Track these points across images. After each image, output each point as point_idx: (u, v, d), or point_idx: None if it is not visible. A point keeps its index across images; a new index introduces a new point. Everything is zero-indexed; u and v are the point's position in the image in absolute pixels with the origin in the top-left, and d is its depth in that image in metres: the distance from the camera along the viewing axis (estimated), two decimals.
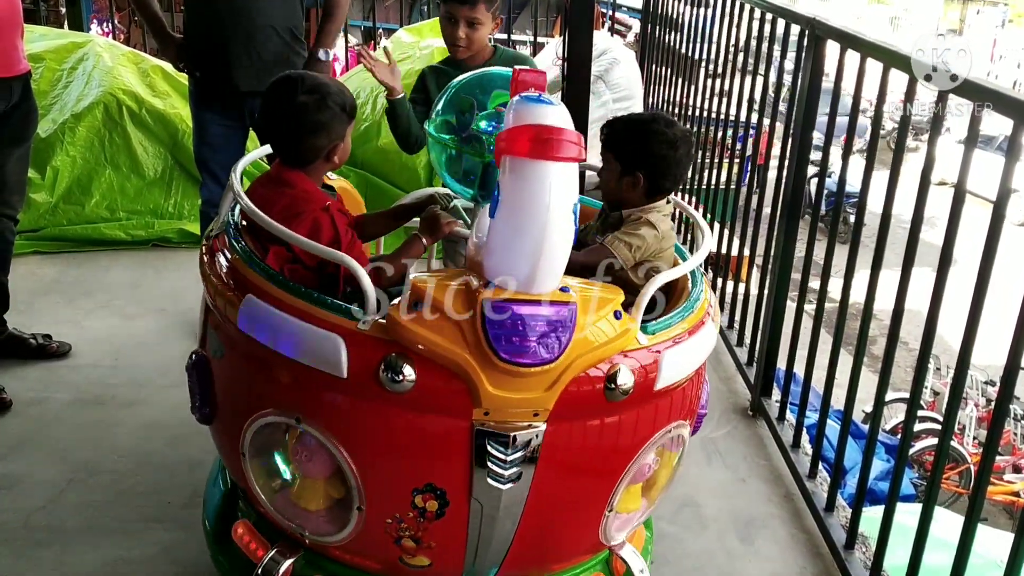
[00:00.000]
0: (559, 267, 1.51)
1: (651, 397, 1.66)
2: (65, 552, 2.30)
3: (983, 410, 8.21)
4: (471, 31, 2.77)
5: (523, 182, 1.46)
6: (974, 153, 1.91)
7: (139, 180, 4.61)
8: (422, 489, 1.61)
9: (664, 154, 2.04)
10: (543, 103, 1.52)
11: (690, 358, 1.72)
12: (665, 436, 1.75)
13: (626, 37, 7.32)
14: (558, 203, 1.46)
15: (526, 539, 1.69)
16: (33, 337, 3.29)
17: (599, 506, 1.74)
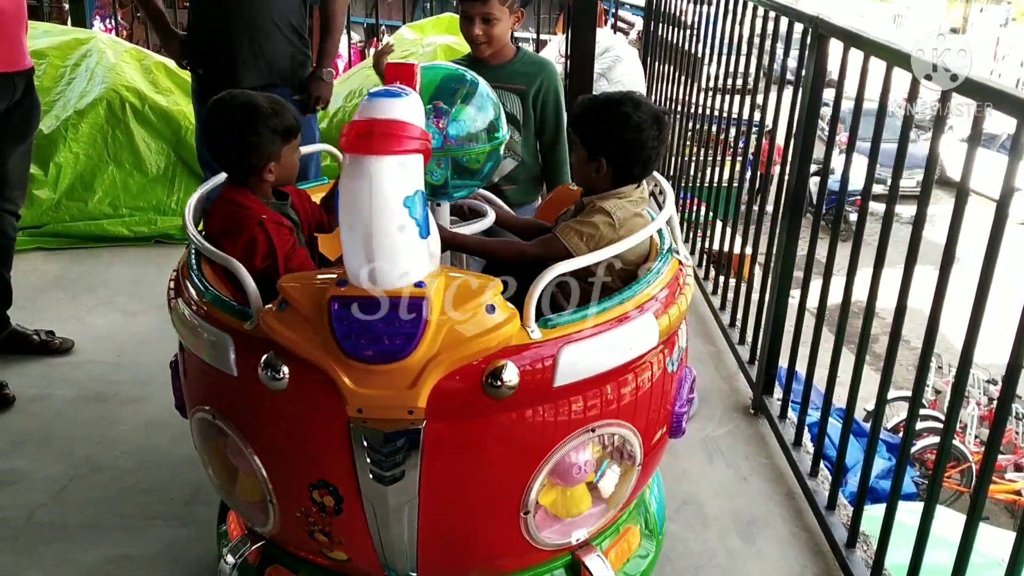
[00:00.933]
0: (402, 262, 1.48)
1: (555, 395, 1.59)
2: (67, 548, 2.31)
3: (985, 409, 8.21)
4: (487, 27, 2.77)
5: (348, 177, 1.48)
6: (976, 152, 1.91)
7: (142, 177, 4.62)
8: (317, 484, 1.64)
9: (629, 138, 1.91)
10: (387, 96, 1.51)
11: (604, 355, 1.61)
12: (587, 437, 1.66)
13: (629, 35, 7.30)
14: (382, 197, 1.45)
15: (435, 539, 1.68)
16: (36, 333, 3.29)
17: (510, 508, 1.66)
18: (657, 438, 1.85)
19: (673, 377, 1.84)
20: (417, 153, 1.49)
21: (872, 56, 2.34)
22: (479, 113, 2.09)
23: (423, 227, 1.51)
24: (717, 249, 4.02)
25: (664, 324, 1.72)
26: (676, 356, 1.85)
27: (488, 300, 1.52)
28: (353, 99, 5.00)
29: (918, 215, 2.11)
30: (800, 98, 2.87)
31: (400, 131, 1.47)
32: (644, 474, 1.86)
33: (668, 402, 1.84)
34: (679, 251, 1.97)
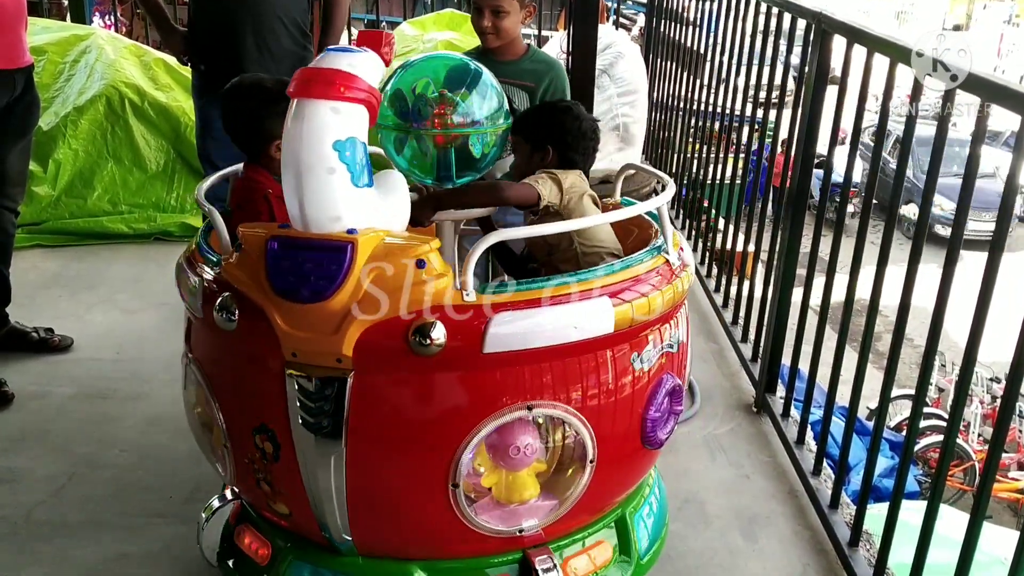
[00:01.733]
0: (332, 205, 1.55)
1: (486, 363, 1.57)
2: (67, 546, 2.30)
3: (988, 407, 8.20)
4: (497, 19, 2.76)
5: (288, 120, 1.58)
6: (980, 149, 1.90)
7: (141, 173, 4.61)
8: (259, 429, 1.69)
9: (570, 126, 2.11)
10: (338, 51, 1.62)
11: (540, 330, 1.57)
12: (521, 414, 1.62)
13: (631, 31, 7.29)
14: (313, 138, 1.54)
15: (364, 502, 1.69)
16: (35, 331, 3.29)
17: (438, 477, 1.63)
18: (619, 440, 1.77)
19: (643, 378, 1.77)
20: (354, 103, 1.57)
21: (876, 52, 2.32)
22: (483, 101, 2.13)
23: (356, 174, 1.56)
24: (719, 247, 4.01)
25: (623, 315, 1.65)
26: (649, 357, 1.76)
27: (419, 255, 1.54)
28: None
29: (922, 213, 2.10)
30: (802, 95, 2.86)
31: (338, 79, 1.56)
32: (604, 477, 1.77)
33: (635, 404, 1.77)
34: (669, 251, 1.88)
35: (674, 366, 1.88)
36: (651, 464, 2.04)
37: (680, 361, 1.93)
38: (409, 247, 1.56)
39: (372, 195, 1.63)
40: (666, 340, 1.84)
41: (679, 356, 1.91)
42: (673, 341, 1.86)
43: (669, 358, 1.85)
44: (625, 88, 5.28)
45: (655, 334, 1.80)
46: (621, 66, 5.32)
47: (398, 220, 1.72)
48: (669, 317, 1.83)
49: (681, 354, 1.93)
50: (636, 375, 1.75)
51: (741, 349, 3.39)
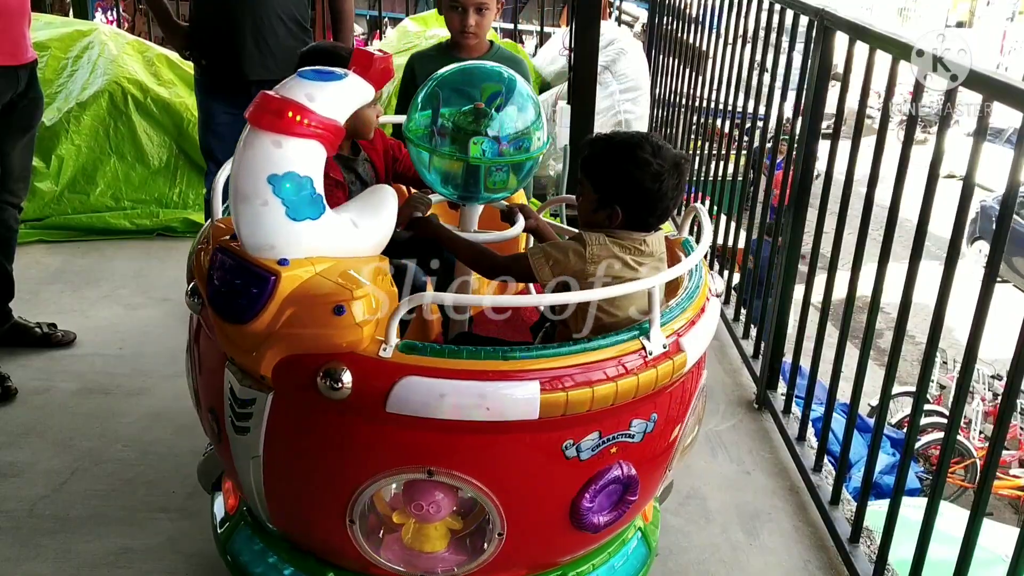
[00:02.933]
0: (260, 236, 1.56)
1: (388, 420, 1.52)
2: (70, 541, 2.31)
3: (989, 404, 8.19)
4: (480, 17, 2.75)
5: (240, 142, 1.58)
6: (981, 146, 1.90)
7: (144, 169, 4.61)
8: (210, 409, 1.77)
9: (648, 188, 1.74)
10: (305, 77, 1.59)
11: (446, 402, 1.49)
12: (421, 476, 1.57)
13: (633, 27, 7.29)
14: (248, 170, 1.54)
15: (280, 509, 1.76)
16: (38, 326, 3.29)
17: (337, 511, 1.63)
18: (539, 521, 1.69)
19: (577, 467, 1.62)
20: (301, 138, 1.53)
21: (878, 49, 2.33)
22: (519, 114, 2.00)
23: (294, 208, 1.54)
24: (721, 243, 4.01)
25: (554, 403, 1.51)
26: (589, 447, 1.60)
27: (339, 301, 1.50)
28: None
29: (923, 210, 2.10)
30: (805, 91, 2.86)
31: (287, 111, 1.52)
32: (519, 549, 1.69)
33: (561, 490, 1.65)
34: (651, 336, 1.63)
35: (632, 456, 1.68)
36: (596, 540, 1.83)
37: (649, 451, 1.72)
38: (332, 292, 1.53)
39: (324, 225, 1.61)
40: (625, 430, 1.64)
41: (644, 446, 1.70)
42: (637, 431, 1.66)
43: (624, 448, 1.66)
44: (627, 85, 5.29)
45: (606, 424, 1.62)
46: (623, 63, 5.32)
47: (374, 239, 1.72)
48: (632, 407, 1.63)
49: (650, 444, 1.71)
50: (567, 463, 1.60)
51: (742, 346, 3.40)
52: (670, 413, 1.74)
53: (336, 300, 1.51)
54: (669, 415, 1.73)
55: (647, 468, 1.74)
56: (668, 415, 1.73)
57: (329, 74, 1.61)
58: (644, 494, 1.78)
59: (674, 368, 1.64)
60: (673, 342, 1.66)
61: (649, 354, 1.60)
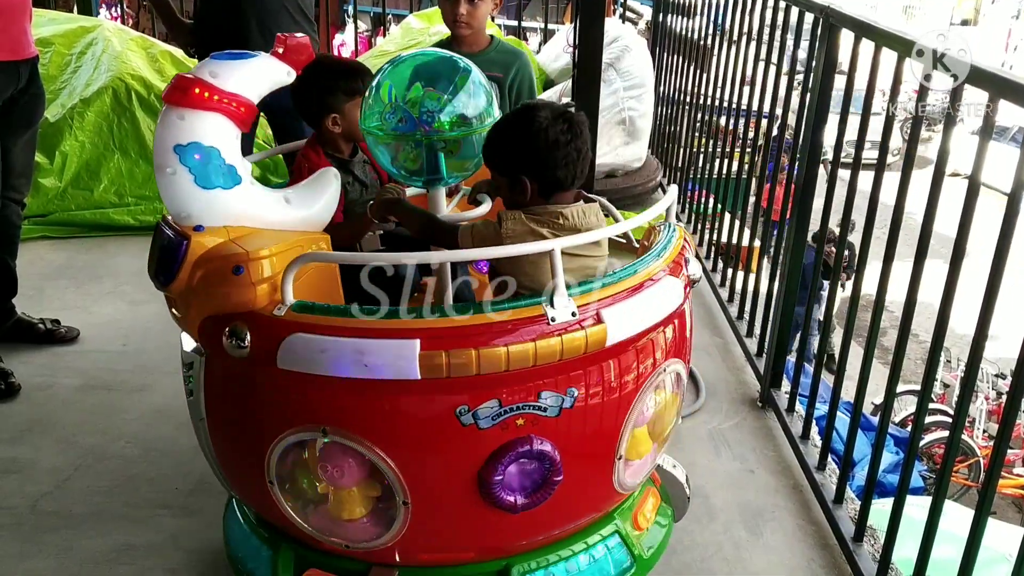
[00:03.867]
0: (175, 204, 1.69)
1: (281, 377, 1.56)
2: (72, 537, 2.31)
3: (993, 403, 8.18)
4: (471, 7, 2.75)
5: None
6: (988, 144, 1.89)
7: (148, 165, 4.61)
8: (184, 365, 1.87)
9: (539, 145, 1.75)
10: (215, 58, 1.74)
11: (328, 358, 1.51)
12: (315, 436, 1.59)
13: (638, 24, 7.28)
14: (158, 141, 1.69)
15: (229, 471, 1.84)
16: (41, 322, 3.29)
17: (259, 470, 1.67)
18: (447, 494, 1.65)
19: (476, 436, 1.58)
20: (202, 110, 1.67)
21: (883, 47, 2.32)
22: (471, 99, 1.98)
23: (202, 176, 1.68)
24: (725, 241, 4.00)
25: (434, 363, 1.50)
26: (488, 415, 1.56)
27: (237, 262, 1.61)
28: None
29: (928, 208, 2.09)
30: (810, 89, 2.85)
31: (190, 86, 1.67)
32: (428, 524, 1.67)
33: (463, 461, 1.61)
34: (555, 302, 1.57)
35: (548, 432, 1.61)
36: (533, 527, 1.77)
37: (572, 429, 1.65)
38: (232, 254, 1.62)
39: (240, 195, 1.72)
40: (532, 401, 1.59)
41: (564, 423, 1.63)
42: (549, 405, 1.60)
43: (536, 422, 1.60)
44: (631, 82, 5.28)
45: (507, 393, 1.57)
46: (627, 60, 5.31)
47: (306, 216, 1.84)
48: (538, 376, 1.58)
49: (574, 421, 1.63)
50: (464, 430, 1.57)
51: (746, 344, 3.39)
52: (600, 391, 1.65)
53: (235, 261, 1.61)
54: (598, 393, 1.65)
55: (574, 449, 1.67)
56: (596, 393, 1.65)
57: (240, 55, 1.77)
58: (580, 479, 1.71)
59: (588, 340, 1.57)
60: (592, 313, 1.59)
61: (551, 320, 1.55)
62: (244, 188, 1.73)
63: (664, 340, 1.76)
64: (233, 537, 2.01)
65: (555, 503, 1.69)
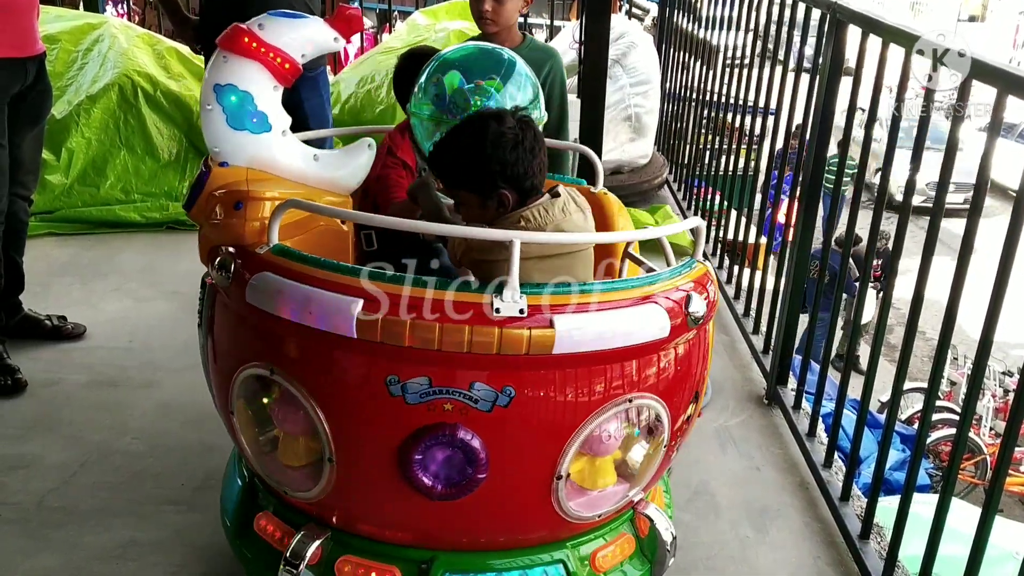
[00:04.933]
0: (209, 138, 1.85)
1: (248, 314, 1.62)
2: (78, 533, 2.31)
3: (1000, 400, 8.15)
4: (497, 4, 2.74)
5: None
6: (996, 141, 1.89)
7: (154, 162, 4.62)
8: None
9: (505, 150, 1.73)
10: (270, 14, 1.89)
11: (282, 300, 1.55)
12: (264, 373, 1.63)
13: (644, 21, 7.25)
14: (205, 80, 1.84)
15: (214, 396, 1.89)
16: (48, 318, 3.30)
17: (226, 393, 1.76)
18: (369, 458, 1.63)
19: (402, 409, 1.55)
20: (242, 56, 1.81)
21: (891, 43, 2.31)
22: (518, 92, 2.03)
23: (233, 116, 1.82)
24: (731, 238, 4.00)
25: (372, 324, 1.50)
26: (417, 390, 1.54)
27: (239, 198, 1.74)
28: (365, 85, 4.98)
29: (935, 205, 2.08)
30: (817, 85, 2.84)
31: (240, 35, 1.82)
32: (347, 485, 1.67)
33: (388, 431, 1.59)
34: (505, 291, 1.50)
35: (478, 426, 1.56)
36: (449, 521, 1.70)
37: (505, 429, 1.58)
38: (236, 190, 1.76)
39: (266, 141, 1.86)
40: (463, 389, 1.54)
41: (497, 421, 1.56)
42: (481, 398, 1.54)
43: (465, 412, 1.55)
44: (638, 78, 5.27)
45: (437, 373, 1.54)
46: (634, 56, 5.30)
47: (331, 175, 1.95)
48: (472, 365, 1.53)
49: (508, 422, 1.57)
50: (392, 400, 1.55)
51: (752, 341, 3.38)
52: (542, 399, 1.57)
53: (237, 197, 1.75)
54: (539, 401, 1.57)
55: (506, 450, 1.60)
56: (536, 400, 1.57)
57: (295, 15, 1.90)
58: (511, 486, 1.65)
59: (531, 341, 1.49)
60: (545, 315, 1.51)
61: (496, 311, 1.48)
62: (272, 136, 1.86)
63: (634, 370, 1.63)
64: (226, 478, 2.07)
65: (481, 504, 1.64)
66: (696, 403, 1.81)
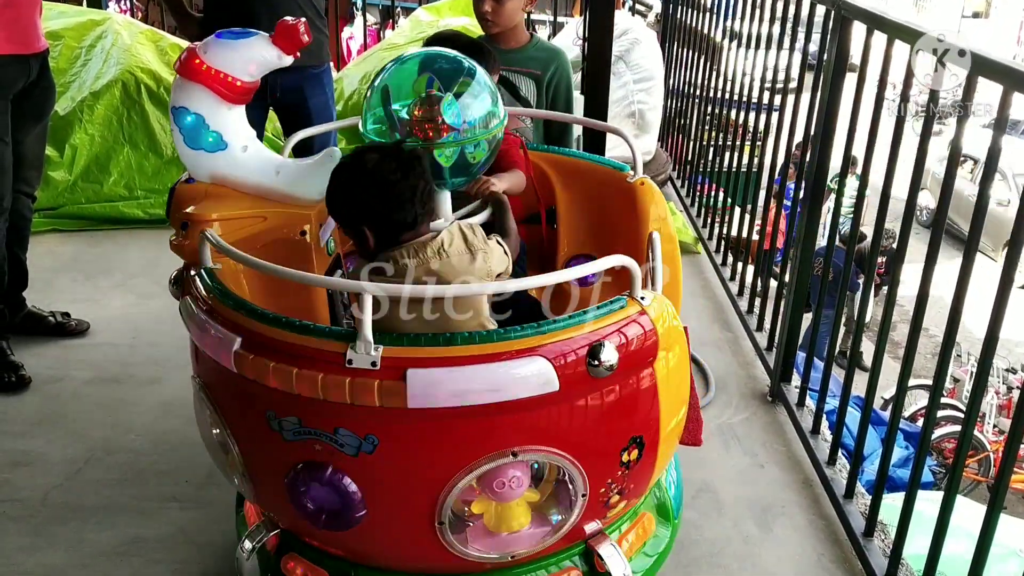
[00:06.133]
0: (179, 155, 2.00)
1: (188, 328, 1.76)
2: (82, 529, 2.32)
3: (1004, 397, 8.14)
4: (496, 5, 2.74)
5: None
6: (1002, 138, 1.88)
7: (157, 159, 4.62)
8: None
9: (371, 192, 1.67)
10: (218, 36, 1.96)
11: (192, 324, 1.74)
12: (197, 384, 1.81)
13: (647, 17, 7.24)
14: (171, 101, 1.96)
15: None
16: (52, 315, 3.30)
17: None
18: (272, 480, 1.68)
19: (283, 445, 1.60)
20: (189, 80, 1.91)
21: (896, 39, 2.30)
22: (475, 101, 1.91)
23: (188, 137, 1.95)
24: (735, 235, 3.99)
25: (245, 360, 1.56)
26: (290, 429, 1.57)
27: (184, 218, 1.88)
28: (366, 83, 4.97)
29: (940, 204, 2.08)
30: (821, 83, 2.83)
31: (190, 59, 1.92)
32: (258, 490, 1.80)
33: (277, 461, 1.64)
34: (359, 343, 1.47)
35: (349, 469, 1.57)
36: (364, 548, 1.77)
37: (373, 476, 1.58)
38: (183, 212, 1.90)
39: (223, 159, 1.98)
40: (328, 432, 1.55)
41: (365, 467, 1.56)
42: (346, 444, 1.54)
43: (333, 455, 1.56)
44: (641, 75, 5.26)
45: (306, 415, 1.55)
46: (637, 53, 5.29)
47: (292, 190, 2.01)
48: (334, 412, 1.52)
49: (375, 469, 1.56)
50: (273, 434, 1.59)
51: (756, 338, 3.38)
52: (409, 451, 1.55)
53: (183, 218, 1.89)
54: (406, 452, 1.55)
55: (380, 494, 1.60)
56: (404, 450, 1.55)
57: (240, 35, 1.96)
58: (396, 527, 1.66)
59: (381, 394, 1.46)
60: (398, 369, 1.46)
61: (348, 362, 1.47)
62: (229, 153, 1.98)
63: (518, 426, 1.55)
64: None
65: (374, 537, 1.68)
66: (642, 447, 1.69)
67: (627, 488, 1.75)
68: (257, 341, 1.55)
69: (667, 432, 1.75)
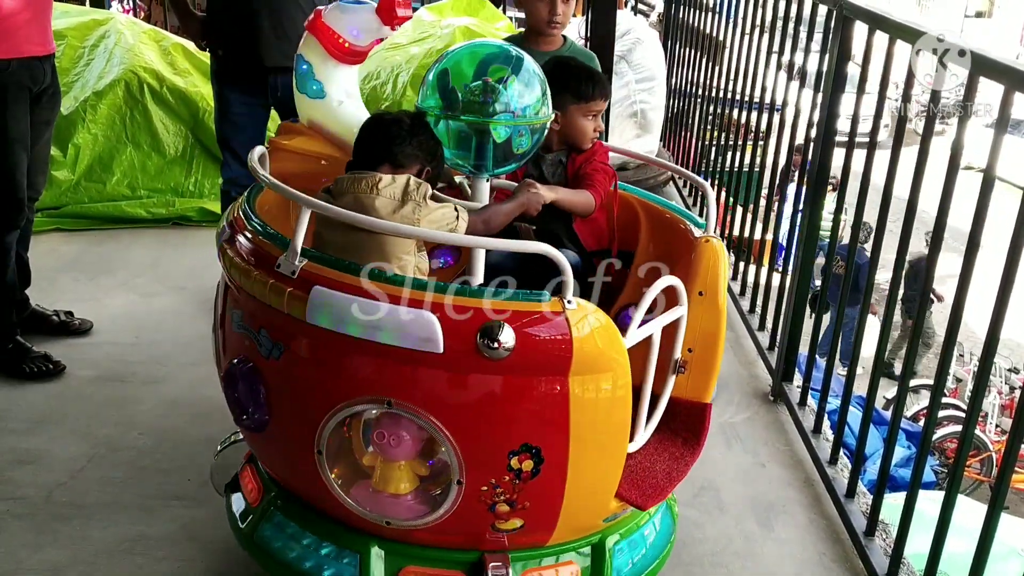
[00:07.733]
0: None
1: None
2: (85, 527, 2.32)
3: (1006, 397, 8.14)
4: (566, 6, 2.72)
5: None
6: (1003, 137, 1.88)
7: (160, 158, 4.62)
8: None
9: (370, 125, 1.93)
10: (341, 2, 2.34)
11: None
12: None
13: (649, 17, 7.24)
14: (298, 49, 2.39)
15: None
16: (55, 314, 3.31)
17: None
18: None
19: (233, 336, 1.82)
20: (310, 34, 2.34)
21: (898, 39, 2.30)
22: (526, 90, 1.98)
23: (300, 83, 2.39)
24: (737, 235, 3.99)
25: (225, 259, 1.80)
26: (237, 321, 1.78)
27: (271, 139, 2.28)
28: (371, 81, 4.98)
29: (942, 202, 2.08)
30: (823, 82, 2.84)
31: (315, 17, 2.33)
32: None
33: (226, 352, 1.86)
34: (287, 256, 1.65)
35: (264, 368, 1.72)
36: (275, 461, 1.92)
37: (276, 377, 1.71)
38: (269, 139, 2.27)
39: (321, 106, 2.36)
40: (255, 331, 1.71)
41: (272, 369, 1.70)
42: (263, 343, 1.70)
43: (255, 352, 1.72)
44: (643, 74, 5.26)
45: (247, 313, 1.74)
46: (639, 52, 5.29)
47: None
48: (262, 314, 1.68)
49: (277, 373, 1.70)
50: (231, 323, 1.81)
51: (758, 338, 3.38)
52: (303, 366, 1.68)
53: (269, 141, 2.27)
54: (301, 367, 1.68)
55: (277, 401, 1.73)
56: (299, 364, 1.68)
57: (358, 2, 2.35)
58: (289, 439, 1.76)
59: (289, 300, 1.58)
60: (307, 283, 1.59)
61: (276, 267, 1.63)
62: (326, 103, 2.36)
63: (400, 378, 1.59)
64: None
65: (276, 451, 1.86)
66: (538, 461, 1.61)
67: (519, 503, 1.65)
68: (245, 243, 1.76)
69: (580, 462, 1.64)
